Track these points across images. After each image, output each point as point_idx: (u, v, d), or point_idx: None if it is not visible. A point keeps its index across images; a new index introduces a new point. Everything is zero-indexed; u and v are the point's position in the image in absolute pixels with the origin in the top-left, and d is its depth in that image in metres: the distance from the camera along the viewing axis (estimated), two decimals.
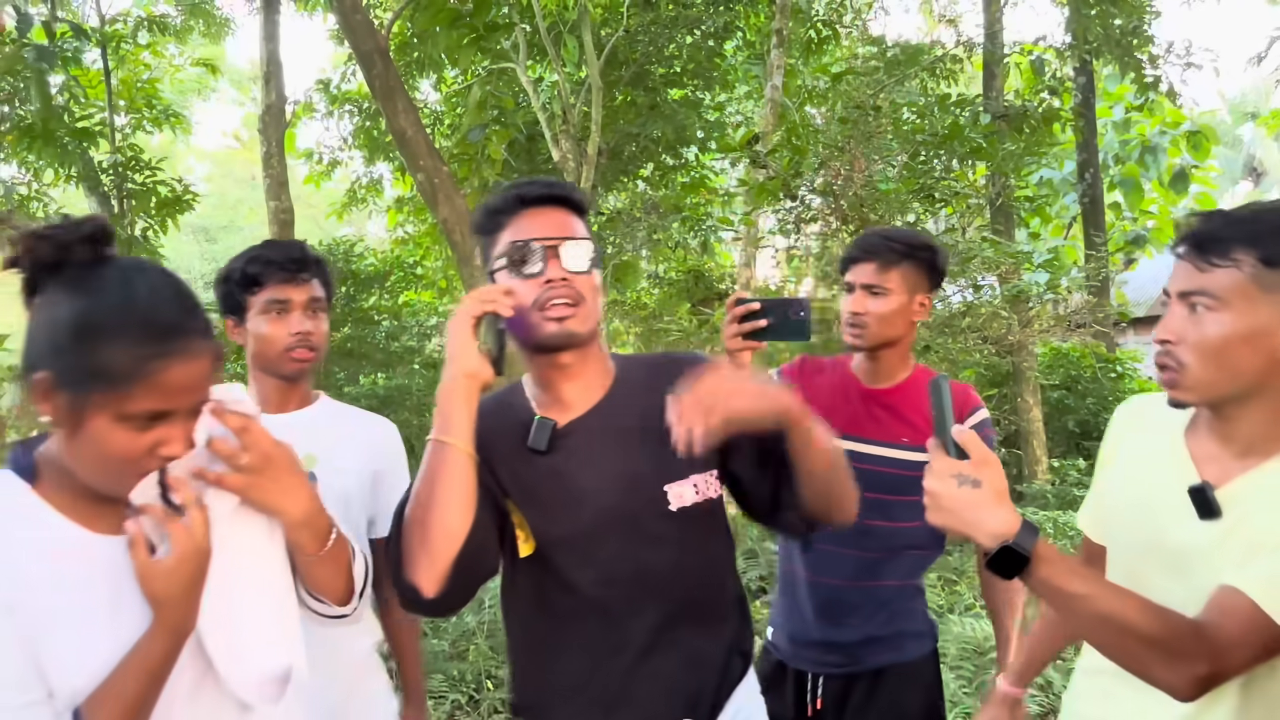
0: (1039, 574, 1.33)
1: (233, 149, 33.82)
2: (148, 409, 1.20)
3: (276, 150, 9.24)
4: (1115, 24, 10.42)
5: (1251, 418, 1.49)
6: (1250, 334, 1.42)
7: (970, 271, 6.25)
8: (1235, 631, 1.33)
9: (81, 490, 1.28)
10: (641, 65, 10.58)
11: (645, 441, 1.69)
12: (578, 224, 1.70)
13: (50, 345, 1.20)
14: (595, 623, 1.69)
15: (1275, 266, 1.41)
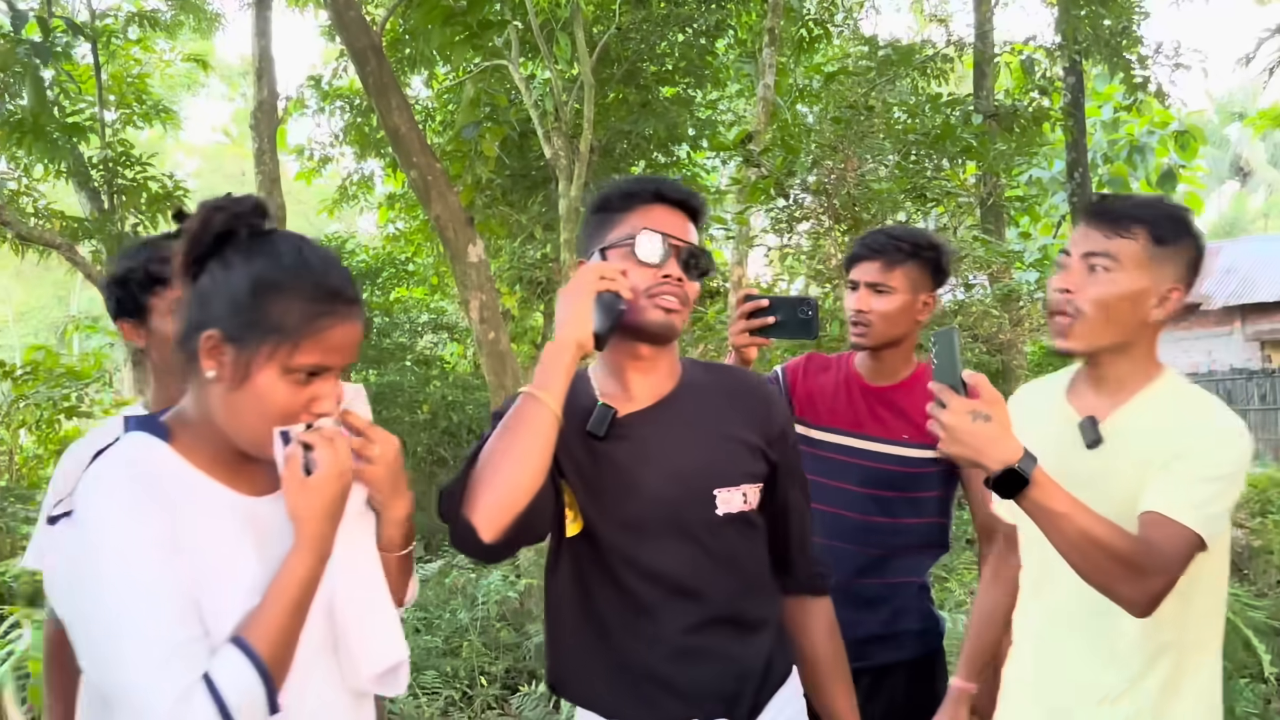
0: (1033, 495, 1.57)
1: (222, 144, 33.70)
2: (311, 363, 1.30)
3: (268, 146, 9.23)
4: (1105, 24, 10.46)
5: (1121, 365, 1.82)
6: (1134, 294, 1.76)
7: (961, 270, 6.29)
8: (1171, 548, 1.61)
9: (219, 452, 1.35)
10: (633, 63, 10.59)
11: (701, 444, 1.74)
12: (696, 235, 1.78)
13: (224, 303, 1.29)
14: (632, 614, 1.72)
15: (1162, 244, 1.77)
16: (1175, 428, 1.73)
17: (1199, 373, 20.49)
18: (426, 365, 11.35)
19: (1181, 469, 1.68)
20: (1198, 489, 1.66)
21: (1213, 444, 1.71)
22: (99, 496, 1.23)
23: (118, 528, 1.21)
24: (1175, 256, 1.79)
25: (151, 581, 1.20)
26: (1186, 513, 1.63)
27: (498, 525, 1.53)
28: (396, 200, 12.97)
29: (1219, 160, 33.72)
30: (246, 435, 1.32)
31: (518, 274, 11.55)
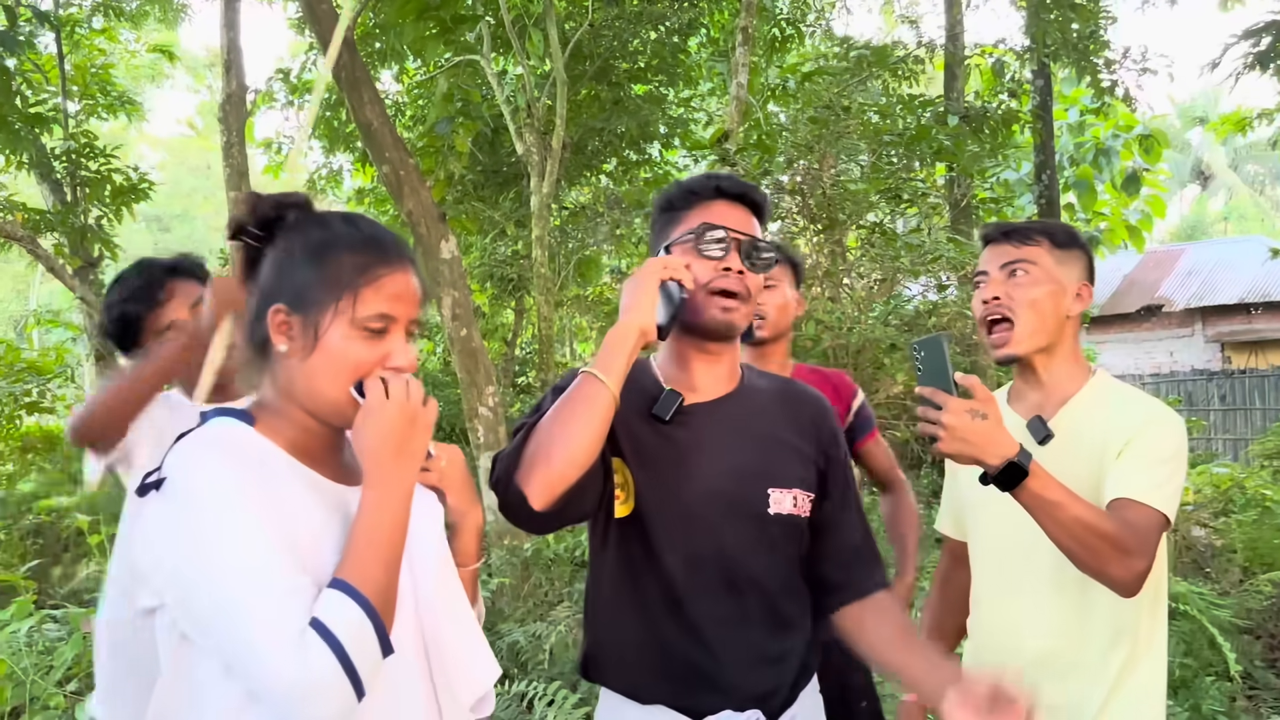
0: (1031, 486, 1.67)
1: (187, 137, 33.30)
2: (375, 312, 1.31)
3: (237, 140, 9.13)
4: (1073, 29, 10.58)
5: (1053, 366, 2.00)
6: (1053, 290, 1.96)
7: (935, 271, 6.33)
8: (1145, 528, 1.74)
9: (303, 436, 1.35)
10: (606, 60, 10.57)
11: (759, 443, 1.79)
12: (759, 228, 1.81)
13: (284, 278, 1.33)
14: (674, 600, 1.72)
15: (1061, 248, 1.99)
16: (1120, 419, 1.89)
17: (1161, 373, 20.76)
18: None
19: (1135, 455, 1.83)
20: (1154, 472, 1.81)
21: (1157, 430, 1.86)
22: (196, 461, 1.23)
23: (219, 488, 1.20)
24: (1076, 259, 2.01)
25: (257, 535, 1.19)
26: (1151, 494, 1.77)
27: (549, 496, 1.55)
28: (366, 195, 12.88)
29: (1181, 164, 34.21)
30: (327, 400, 1.32)
31: (488, 271, 11.50)
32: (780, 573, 1.79)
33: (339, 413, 1.32)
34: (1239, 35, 9.44)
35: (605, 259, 12.79)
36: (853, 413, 2.77)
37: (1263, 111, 14.16)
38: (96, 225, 10.06)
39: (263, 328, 1.32)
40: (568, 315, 13.33)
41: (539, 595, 6.10)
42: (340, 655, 1.16)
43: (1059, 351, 2.00)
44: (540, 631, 5.18)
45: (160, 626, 1.28)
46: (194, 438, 1.28)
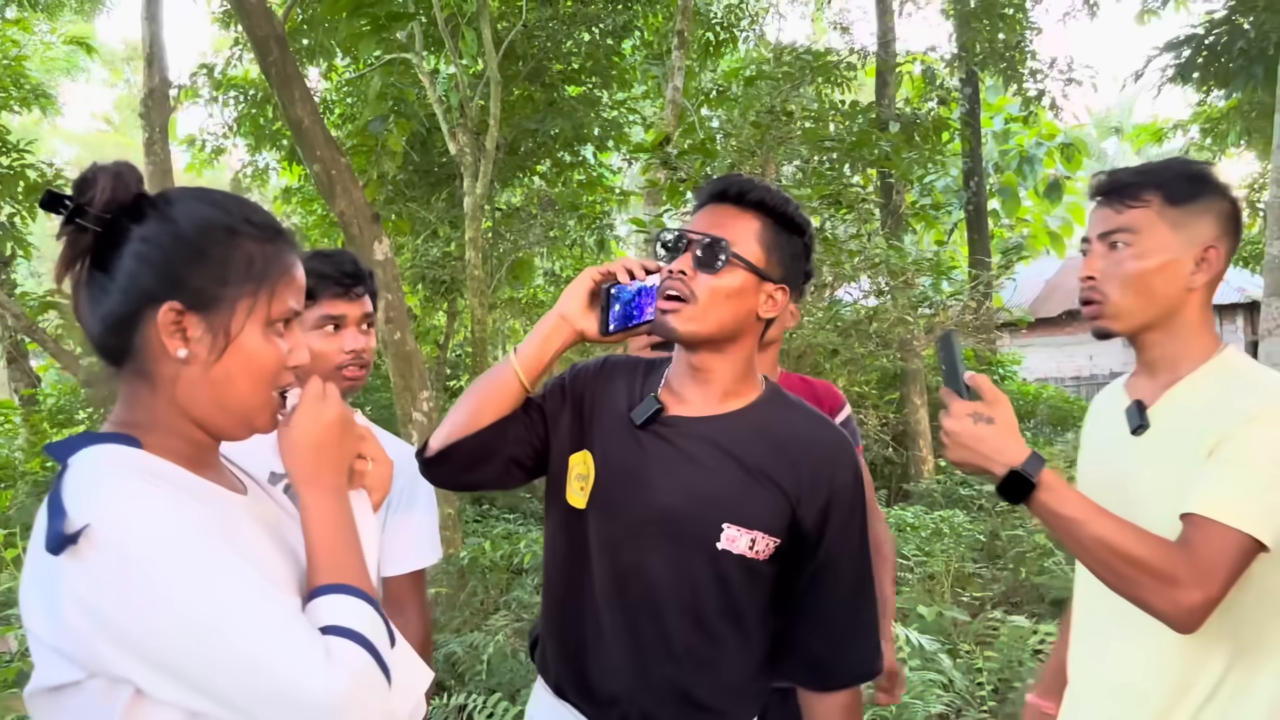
0: (1040, 498, 1.47)
1: (104, 132, 32.36)
2: (290, 308, 1.18)
3: (159, 136, 8.86)
4: (1000, 38, 10.79)
5: (1168, 344, 1.68)
6: (1163, 264, 1.64)
7: (874, 276, 6.38)
8: (1212, 554, 1.43)
9: (190, 451, 1.18)
10: (539, 61, 10.48)
11: (733, 475, 1.65)
12: (747, 226, 1.64)
13: (169, 272, 1.12)
14: (593, 607, 1.70)
15: (1178, 204, 1.64)
16: (1225, 409, 1.56)
17: (1081, 376, 21.31)
18: None
19: (1226, 458, 1.51)
20: (1247, 479, 1.48)
21: (1264, 428, 1.51)
22: (120, 499, 1.03)
23: (167, 526, 1.02)
24: (1201, 214, 1.65)
25: (233, 567, 1.04)
26: (1230, 510, 1.46)
27: (436, 448, 1.70)
28: (293, 194, 12.60)
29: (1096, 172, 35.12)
30: (240, 409, 1.18)
31: (420, 272, 11.32)
32: (721, 615, 1.65)
33: (244, 420, 1.19)
34: (1161, 48, 9.72)
35: (539, 261, 12.68)
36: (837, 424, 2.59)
37: (1178, 122, 14.60)
38: (9, 223, 9.68)
39: (134, 332, 1.13)
40: (501, 318, 13.19)
41: (475, 604, 6.00)
42: (368, 648, 1.08)
43: (1176, 328, 1.67)
44: (478, 641, 5.08)
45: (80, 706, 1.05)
46: (92, 472, 1.06)
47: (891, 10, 11.54)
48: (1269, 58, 8.74)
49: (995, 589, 6.26)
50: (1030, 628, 4.85)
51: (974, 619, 5.24)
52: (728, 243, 1.61)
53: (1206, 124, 13.57)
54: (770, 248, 1.65)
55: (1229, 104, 12.33)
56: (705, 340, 1.64)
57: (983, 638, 4.97)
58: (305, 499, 1.19)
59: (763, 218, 1.66)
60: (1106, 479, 1.73)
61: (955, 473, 9.90)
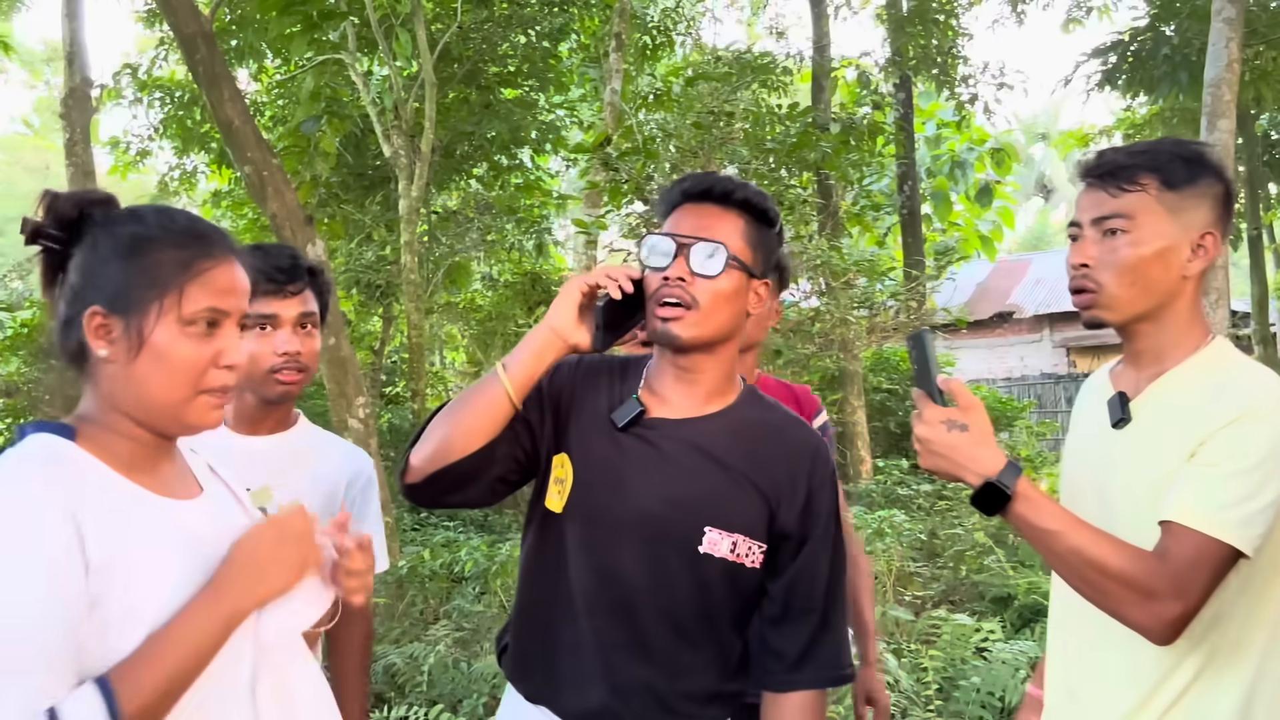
0: (1017, 509, 1.42)
1: (22, 135, 31.41)
2: (202, 308, 1.24)
3: (81, 137, 8.58)
4: (933, 44, 10.95)
5: (1159, 334, 1.60)
6: (1160, 251, 1.55)
7: (815, 277, 6.40)
8: (1189, 564, 1.38)
9: (130, 451, 1.27)
10: (475, 63, 10.39)
11: (715, 478, 1.63)
12: (733, 225, 1.63)
13: (98, 279, 1.24)
14: (572, 610, 1.65)
15: (1175, 189, 1.56)
16: (1210, 406, 1.49)
17: (1013, 377, 21.70)
18: None
19: (1207, 461, 1.45)
20: (1226, 486, 1.42)
21: (1245, 429, 1.45)
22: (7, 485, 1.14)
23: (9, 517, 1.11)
24: (1199, 198, 1.57)
25: (24, 601, 1.09)
26: (1210, 518, 1.40)
27: (422, 472, 1.60)
28: (223, 198, 12.33)
29: (1025, 177, 35.96)
30: (160, 403, 1.25)
31: (355, 276, 11.14)
32: (699, 619, 1.64)
33: (173, 418, 1.26)
34: (1089, 54, 9.93)
35: (476, 265, 12.55)
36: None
37: (1104, 128, 14.94)
38: None
39: (76, 333, 1.24)
40: (438, 323, 13.03)
41: (414, 614, 5.89)
42: None
43: (1168, 318, 1.59)
44: (418, 652, 4.98)
45: None
46: (9, 459, 1.19)
47: (827, 15, 11.64)
48: (1193, 64, 8.98)
49: (936, 588, 6.32)
50: (973, 626, 4.88)
51: (917, 618, 5.27)
52: (725, 246, 1.59)
53: (1130, 130, 13.90)
54: (755, 244, 1.64)
55: (1151, 110, 12.65)
56: (706, 344, 1.63)
57: (926, 636, 4.99)
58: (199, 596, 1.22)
59: (745, 214, 1.65)
60: (1087, 473, 1.70)
61: (894, 472, 10.01)
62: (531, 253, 12.14)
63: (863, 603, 2.48)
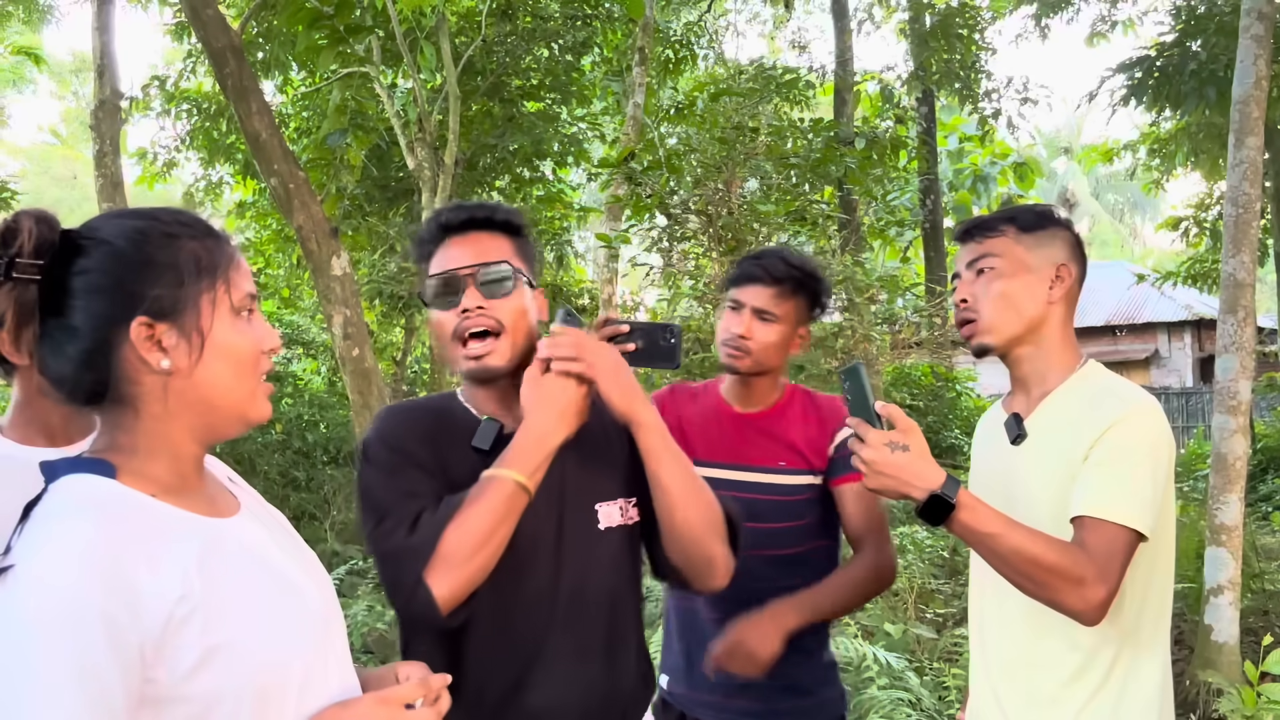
0: (960, 518, 1.58)
1: (50, 145, 31.78)
2: (246, 293, 1.19)
3: (110, 149, 8.67)
4: (956, 58, 10.93)
5: (1037, 359, 1.87)
6: (1024, 281, 1.85)
7: (839, 292, 6.39)
8: (1105, 550, 1.60)
9: (170, 478, 1.16)
10: (498, 76, 10.43)
11: (580, 458, 1.69)
12: (502, 246, 1.69)
13: (126, 290, 1.11)
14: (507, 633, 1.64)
15: (1029, 231, 1.87)
16: (1092, 416, 1.74)
17: None
18: (279, 382, 10.82)
19: (1100, 461, 1.69)
20: (1119, 480, 1.66)
21: (1125, 430, 1.70)
22: (50, 552, 1.00)
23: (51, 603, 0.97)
24: (1051, 239, 1.88)
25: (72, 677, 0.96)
26: (1113, 508, 1.64)
27: (456, 602, 1.50)
28: (247, 209, 12.42)
29: (1048, 192, 35.83)
30: (230, 401, 1.18)
31: (378, 288, 11.19)
32: (616, 589, 1.72)
33: (240, 415, 1.20)
34: (1114, 69, 9.88)
35: None
36: (833, 445, 2.32)
37: (1128, 143, 14.88)
38: None
39: (107, 362, 1.11)
40: None
41: None
42: None
43: (1042, 342, 1.87)
44: None
45: None
46: (57, 508, 1.06)
47: (849, 29, 11.64)
48: (1220, 79, 8.92)
49: (958, 605, 6.27)
50: None
51: (939, 635, 5.24)
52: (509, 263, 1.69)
53: (1154, 145, 13.82)
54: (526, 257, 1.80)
55: (1176, 125, 12.58)
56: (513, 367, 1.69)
57: (948, 654, 4.96)
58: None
59: (507, 233, 1.75)
60: (994, 486, 1.88)
61: None
62: (552, 264, 12.17)
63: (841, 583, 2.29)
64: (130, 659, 1.00)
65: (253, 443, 9.16)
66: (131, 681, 1.00)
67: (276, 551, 1.23)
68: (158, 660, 1.03)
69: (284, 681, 1.13)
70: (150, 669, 1.02)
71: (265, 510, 1.33)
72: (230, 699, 1.07)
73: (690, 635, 2.37)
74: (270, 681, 1.11)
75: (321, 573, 1.33)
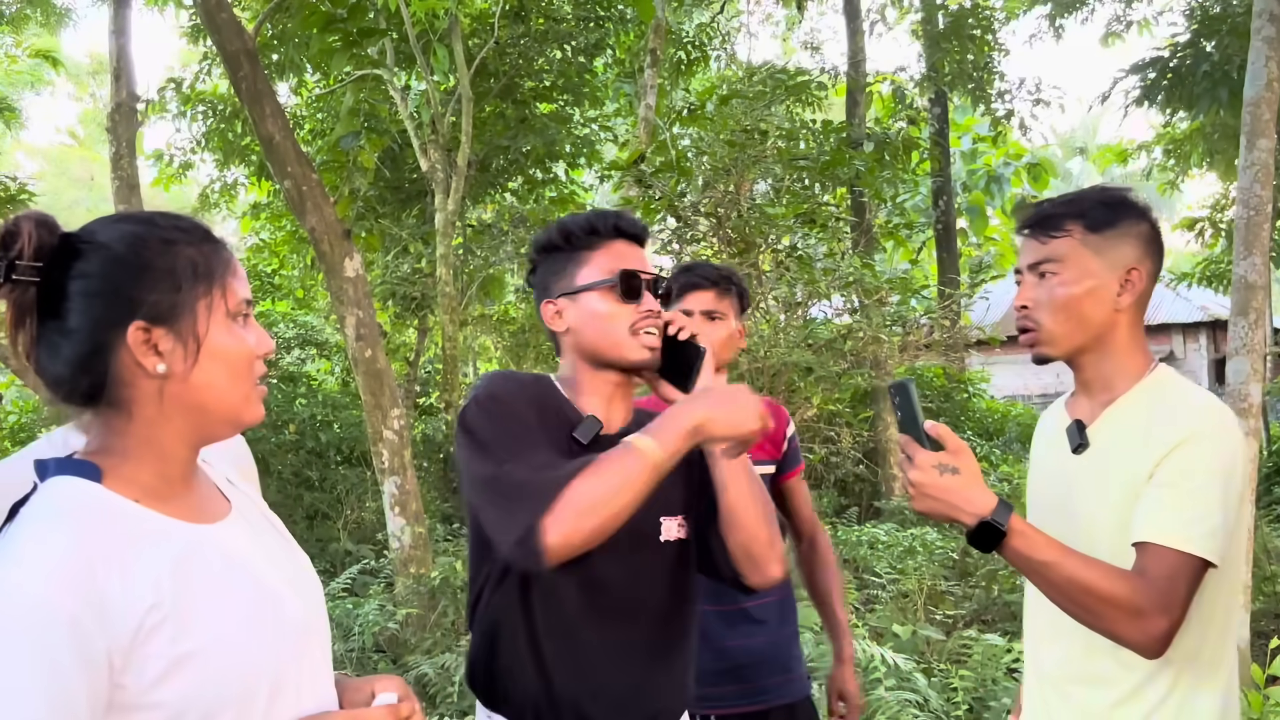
0: (1013, 544, 1.50)
1: (68, 146, 32.00)
2: (242, 298, 1.20)
3: (126, 151, 8.74)
4: (969, 59, 10.91)
5: (1102, 364, 1.75)
6: (1089, 289, 1.71)
7: (848, 294, 6.40)
8: (1167, 580, 1.49)
9: (158, 482, 1.17)
10: (511, 78, 10.48)
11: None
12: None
13: (123, 294, 1.13)
14: (562, 628, 1.73)
15: (1098, 232, 1.72)
16: (1160, 430, 1.62)
17: (1049, 394, 21.47)
18: (292, 382, 10.88)
19: (1165, 482, 1.57)
20: (1186, 504, 1.55)
21: (1195, 449, 1.58)
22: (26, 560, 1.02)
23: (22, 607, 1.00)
24: (1121, 238, 1.73)
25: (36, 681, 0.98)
26: (1179, 535, 1.52)
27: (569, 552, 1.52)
28: (262, 210, 12.50)
29: (1063, 192, 35.66)
30: (224, 404, 1.20)
31: (390, 289, 11.25)
32: (670, 598, 1.81)
33: (233, 418, 1.21)
34: (1127, 70, 9.85)
35: (510, 278, 12.64)
36: (786, 441, 2.64)
37: (1142, 144, 14.81)
38: None
39: (103, 364, 1.13)
40: (472, 334, 13.12)
41: (445, 624, 5.93)
42: None
43: (1109, 348, 1.74)
44: (449, 663, 5.03)
45: None
46: (40, 511, 1.08)
47: (862, 30, 11.64)
48: (1233, 80, 8.88)
49: (968, 607, 6.27)
50: (1004, 646, 4.84)
51: (948, 637, 5.24)
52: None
53: (1170, 145, 13.76)
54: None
55: (1191, 126, 12.53)
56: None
57: (957, 656, 4.96)
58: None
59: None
60: (1052, 496, 1.82)
61: None
62: None
63: (834, 602, 2.65)
64: (97, 666, 1.01)
65: (266, 443, 9.20)
66: (98, 688, 1.02)
67: (260, 558, 1.23)
68: (126, 667, 1.04)
69: (254, 690, 1.14)
70: (119, 675, 1.04)
71: (258, 514, 1.34)
72: (199, 706, 1.08)
73: None
74: (239, 690, 1.12)
75: (309, 580, 1.33)
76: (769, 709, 2.50)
